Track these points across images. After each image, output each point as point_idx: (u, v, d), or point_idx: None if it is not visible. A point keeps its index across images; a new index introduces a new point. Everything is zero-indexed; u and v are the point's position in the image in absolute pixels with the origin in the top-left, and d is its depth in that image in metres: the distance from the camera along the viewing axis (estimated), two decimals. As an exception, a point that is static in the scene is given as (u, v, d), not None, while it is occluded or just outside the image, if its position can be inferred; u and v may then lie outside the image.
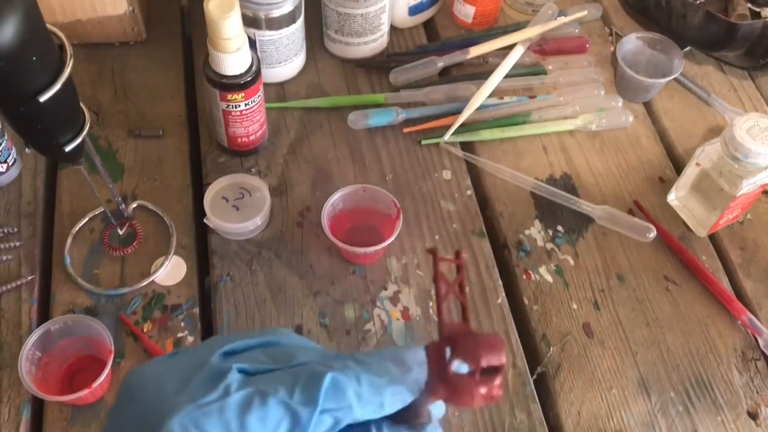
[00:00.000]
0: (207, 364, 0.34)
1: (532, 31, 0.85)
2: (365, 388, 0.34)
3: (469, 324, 0.35)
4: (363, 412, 0.33)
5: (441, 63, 0.84)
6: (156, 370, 0.35)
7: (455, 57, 0.84)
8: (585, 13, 0.88)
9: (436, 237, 0.73)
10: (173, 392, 0.33)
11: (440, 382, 0.34)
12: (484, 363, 0.32)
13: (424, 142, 0.80)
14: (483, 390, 0.33)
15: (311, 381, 0.33)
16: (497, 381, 0.33)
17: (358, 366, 0.34)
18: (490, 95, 0.82)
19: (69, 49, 0.51)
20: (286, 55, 0.81)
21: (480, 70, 0.86)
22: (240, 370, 0.34)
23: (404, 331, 0.67)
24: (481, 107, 0.81)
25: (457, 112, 0.81)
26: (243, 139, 0.75)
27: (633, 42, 0.85)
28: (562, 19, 0.87)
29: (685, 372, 0.67)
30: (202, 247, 0.73)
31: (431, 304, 0.69)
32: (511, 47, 0.85)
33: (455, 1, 0.90)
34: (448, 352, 0.34)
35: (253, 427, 0.32)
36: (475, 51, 0.85)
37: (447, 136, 0.79)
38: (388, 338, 0.67)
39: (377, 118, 0.80)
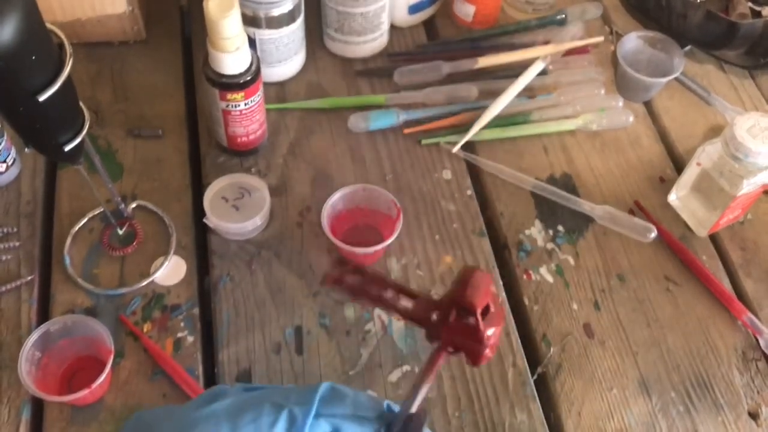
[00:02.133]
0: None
1: (551, 49, 0.84)
2: (363, 398, 0.34)
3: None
4: (361, 426, 0.33)
5: (447, 69, 0.84)
6: (162, 409, 0.35)
7: (462, 65, 0.84)
8: (601, 39, 0.88)
9: (436, 237, 0.73)
10: (165, 414, 0.33)
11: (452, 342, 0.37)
12: (479, 306, 0.35)
13: (424, 142, 0.80)
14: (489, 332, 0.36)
15: (308, 388, 0.34)
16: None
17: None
18: (490, 95, 0.82)
19: (68, 49, 0.51)
20: (286, 55, 0.81)
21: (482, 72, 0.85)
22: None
23: (404, 331, 0.67)
24: (482, 107, 0.81)
25: (458, 113, 0.81)
26: (243, 139, 0.75)
27: (633, 41, 0.85)
28: (577, 42, 0.86)
29: (686, 372, 0.67)
30: (202, 247, 0.73)
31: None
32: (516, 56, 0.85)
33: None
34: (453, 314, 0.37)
35: (245, 428, 0.31)
36: (483, 62, 0.84)
37: (456, 149, 0.78)
38: (388, 338, 0.67)
39: (378, 122, 0.80)
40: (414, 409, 0.36)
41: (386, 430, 0.35)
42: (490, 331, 0.38)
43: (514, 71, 0.83)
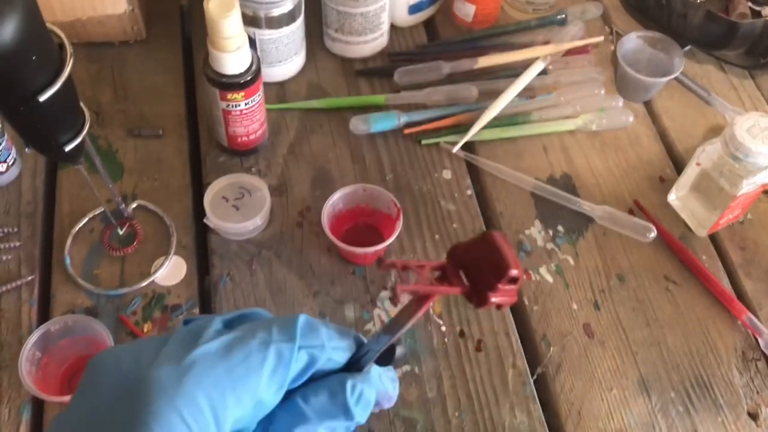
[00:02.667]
0: (174, 330, 0.34)
1: (551, 49, 0.84)
2: (333, 332, 0.36)
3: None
4: (334, 352, 0.35)
5: (447, 69, 0.84)
6: (126, 347, 0.34)
7: (463, 65, 0.84)
8: (601, 39, 0.88)
9: (436, 237, 0.73)
10: (150, 357, 0.32)
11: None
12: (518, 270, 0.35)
13: (424, 141, 0.80)
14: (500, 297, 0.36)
15: (286, 322, 0.35)
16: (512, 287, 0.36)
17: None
18: (490, 95, 0.82)
19: (69, 49, 0.51)
20: (286, 54, 0.81)
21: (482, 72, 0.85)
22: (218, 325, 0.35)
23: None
24: (482, 107, 0.81)
25: (458, 113, 0.81)
26: (243, 139, 0.75)
27: (633, 41, 0.85)
28: (577, 42, 0.86)
29: (686, 372, 0.67)
30: (202, 247, 0.73)
31: (431, 304, 0.69)
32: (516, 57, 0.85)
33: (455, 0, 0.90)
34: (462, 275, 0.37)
35: (238, 367, 0.32)
36: (483, 62, 0.84)
37: (456, 149, 0.78)
38: (388, 338, 0.67)
39: (379, 125, 0.79)
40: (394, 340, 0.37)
41: (357, 356, 0.37)
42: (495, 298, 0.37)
43: (514, 71, 0.83)
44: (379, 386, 0.37)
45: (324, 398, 0.35)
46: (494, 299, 0.35)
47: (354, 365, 0.37)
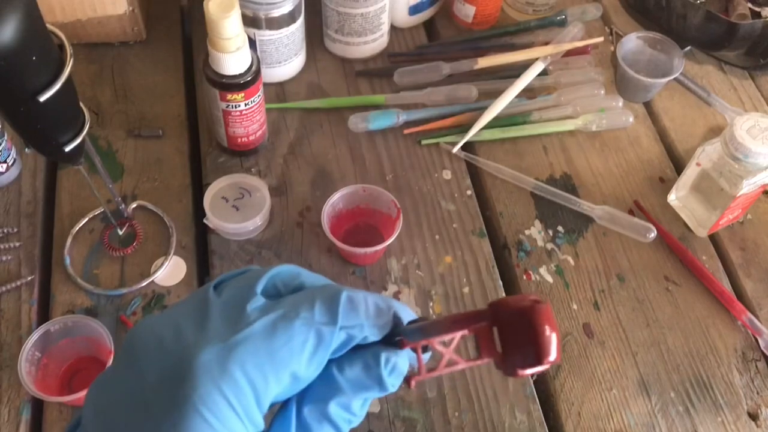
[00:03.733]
0: (209, 301, 0.35)
1: (551, 49, 0.84)
2: (372, 309, 0.36)
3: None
4: (371, 330, 0.36)
5: (447, 70, 0.84)
6: (164, 320, 0.34)
7: (462, 65, 0.84)
8: (601, 39, 0.87)
9: (436, 237, 0.73)
10: (193, 334, 0.33)
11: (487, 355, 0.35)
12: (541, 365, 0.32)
13: (424, 142, 0.80)
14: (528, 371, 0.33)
15: (330, 300, 0.35)
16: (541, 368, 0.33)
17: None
18: (490, 95, 0.82)
19: (69, 49, 0.51)
20: (286, 55, 0.81)
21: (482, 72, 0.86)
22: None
23: (404, 332, 0.67)
24: (482, 107, 0.81)
25: (458, 113, 0.81)
26: (243, 139, 0.75)
27: (633, 42, 0.85)
28: (577, 43, 0.86)
29: (686, 372, 0.67)
30: (202, 247, 0.73)
31: (431, 304, 0.69)
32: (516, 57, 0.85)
33: (455, 1, 0.90)
34: (495, 333, 0.34)
35: (281, 350, 0.33)
36: (483, 62, 0.84)
37: (456, 149, 0.78)
38: (388, 338, 0.67)
39: (378, 122, 0.80)
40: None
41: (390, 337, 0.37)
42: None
43: (514, 72, 0.83)
44: (411, 358, 0.38)
45: (358, 370, 0.36)
46: (524, 372, 0.33)
47: (386, 339, 0.37)
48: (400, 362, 0.37)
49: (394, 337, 0.37)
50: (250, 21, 0.75)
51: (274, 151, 0.79)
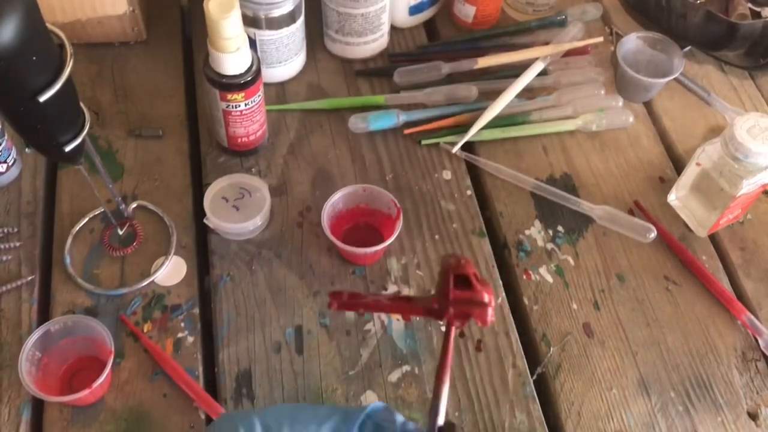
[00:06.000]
0: None
1: (551, 49, 0.84)
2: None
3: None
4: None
5: (447, 69, 0.84)
6: None
7: (462, 65, 0.84)
8: (601, 39, 0.87)
9: (436, 237, 0.73)
10: None
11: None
12: (471, 270, 0.45)
13: (424, 142, 0.80)
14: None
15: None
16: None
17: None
18: (490, 95, 0.82)
19: (69, 49, 0.51)
20: (286, 55, 0.81)
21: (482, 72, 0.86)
22: None
23: (404, 332, 0.67)
24: (482, 107, 0.81)
25: (458, 113, 0.81)
26: (243, 139, 0.75)
27: (633, 42, 0.85)
28: (577, 43, 0.86)
29: (685, 372, 0.67)
30: (202, 247, 0.73)
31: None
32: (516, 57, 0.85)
33: (455, 1, 0.90)
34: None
35: None
36: (483, 62, 0.84)
37: (456, 149, 0.78)
38: (388, 338, 0.67)
39: (378, 123, 0.80)
40: (441, 418, 0.40)
41: None
42: (487, 293, 0.45)
43: (514, 71, 0.83)
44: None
45: None
46: (454, 309, 0.43)
47: None
48: None
49: None
50: (250, 21, 0.76)
51: (274, 151, 0.79)
